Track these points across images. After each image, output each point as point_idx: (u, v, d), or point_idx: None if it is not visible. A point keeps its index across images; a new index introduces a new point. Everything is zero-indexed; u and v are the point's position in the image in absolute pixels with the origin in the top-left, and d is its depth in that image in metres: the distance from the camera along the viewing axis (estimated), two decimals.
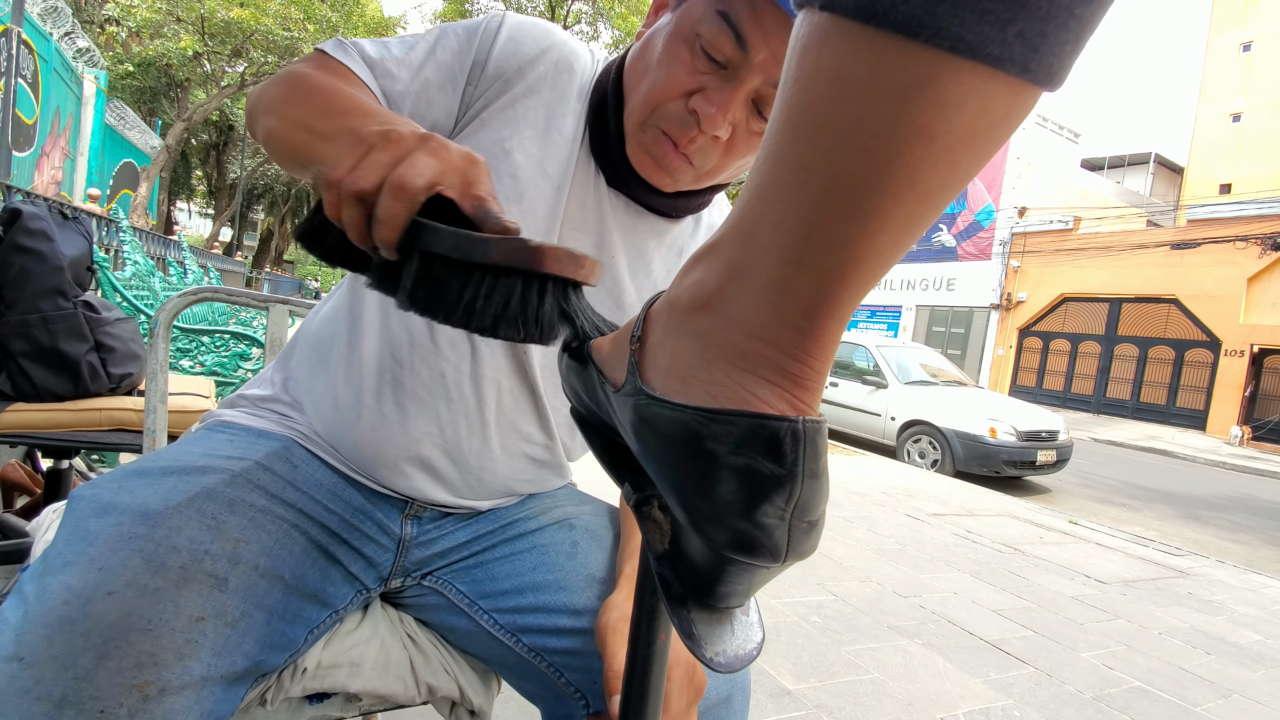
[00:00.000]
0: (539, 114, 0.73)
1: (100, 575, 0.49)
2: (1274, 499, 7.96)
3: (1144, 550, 4.17)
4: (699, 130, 0.65)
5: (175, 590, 0.51)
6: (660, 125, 0.67)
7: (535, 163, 0.72)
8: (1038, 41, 0.20)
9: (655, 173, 0.71)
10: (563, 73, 0.74)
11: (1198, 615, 3.05)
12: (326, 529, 0.67)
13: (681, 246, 0.83)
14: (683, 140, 0.67)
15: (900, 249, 0.25)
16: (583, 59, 0.77)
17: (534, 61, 0.73)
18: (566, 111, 0.74)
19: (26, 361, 1.52)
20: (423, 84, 0.71)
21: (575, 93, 0.75)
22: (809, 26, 0.23)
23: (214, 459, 0.63)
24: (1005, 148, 19.34)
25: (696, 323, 0.29)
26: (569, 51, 0.75)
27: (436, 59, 0.71)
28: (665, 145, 0.68)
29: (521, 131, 0.72)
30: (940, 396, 7.08)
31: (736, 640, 0.33)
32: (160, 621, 0.49)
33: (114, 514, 0.54)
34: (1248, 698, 2.26)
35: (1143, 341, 16.89)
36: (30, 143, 5.53)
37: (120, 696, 0.46)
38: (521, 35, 0.73)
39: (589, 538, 0.76)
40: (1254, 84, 19.96)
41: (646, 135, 0.69)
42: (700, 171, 0.70)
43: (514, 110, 0.73)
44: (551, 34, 0.75)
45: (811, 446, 0.26)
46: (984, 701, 2.01)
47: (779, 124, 0.25)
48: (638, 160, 0.71)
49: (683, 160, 0.69)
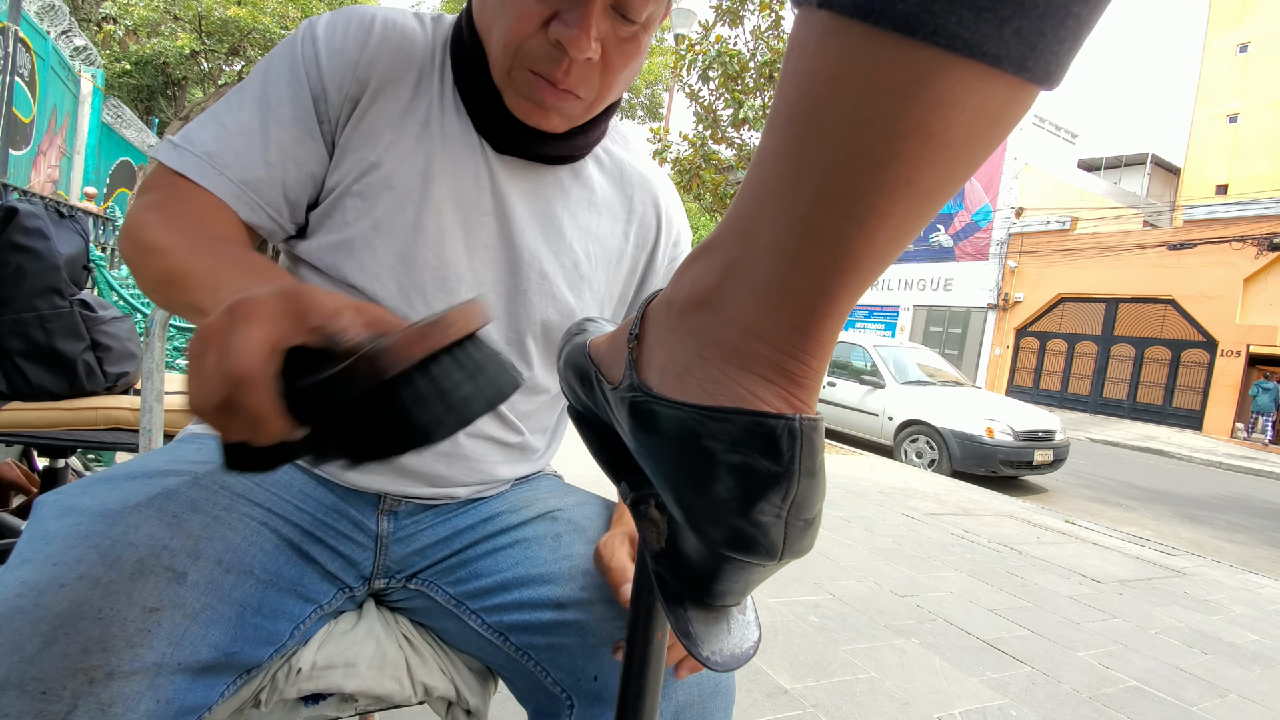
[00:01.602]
0: (392, 110, 0.69)
1: (54, 569, 0.50)
2: (1270, 499, 7.99)
3: (1140, 550, 4.17)
4: (569, 58, 0.61)
5: (129, 582, 0.51)
6: (528, 67, 0.63)
7: (408, 162, 0.69)
8: (1035, 40, 0.20)
9: (542, 117, 0.67)
10: (399, 57, 0.70)
11: (1194, 615, 3.06)
12: (299, 527, 0.67)
13: (591, 197, 0.80)
14: (557, 75, 0.63)
15: (898, 247, 0.25)
16: (411, 30, 0.72)
17: (365, 63, 0.69)
18: (418, 94, 0.70)
19: (22, 360, 1.51)
20: (280, 154, 0.66)
21: (419, 70, 0.71)
22: (806, 24, 0.23)
23: (179, 464, 0.64)
24: (1002, 148, 19.32)
25: (694, 320, 0.29)
26: (394, 31, 0.70)
27: (277, 115, 0.66)
28: (541, 86, 0.64)
29: (382, 137, 0.69)
30: (937, 396, 7.09)
31: (733, 639, 0.33)
32: (112, 611, 0.49)
33: (74, 515, 0.55)
34: (1244, 697, 2.26)
35: (1139, 342, 16.94)
36: (27, 141, 5.52)
37: (64, 679, 0.46)
38: (339, 40, 0.68)
39: (572, 530, 0.75)
40: (1251, 85, 20.00)
41: (518, 81, 0.65)
42: (588, 100, 0.67)
43: (366, 122, 0.69)
44: (367, 21, 0.70)
45: (808, 444, 0.26)
46: (980, 701, 2.01)
47: (776, 121, 0.25)
48: (520, 110, 0.67)
49: (565, 95, 0.65)
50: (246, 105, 0.66)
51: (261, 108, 0.66)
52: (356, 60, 0.68)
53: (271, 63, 0.68)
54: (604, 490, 0.87)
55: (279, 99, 0.67)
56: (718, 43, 7.02)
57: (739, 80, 6.96)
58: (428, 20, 0.74)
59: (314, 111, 0.67)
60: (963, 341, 20.24)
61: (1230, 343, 15.13)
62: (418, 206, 0.69)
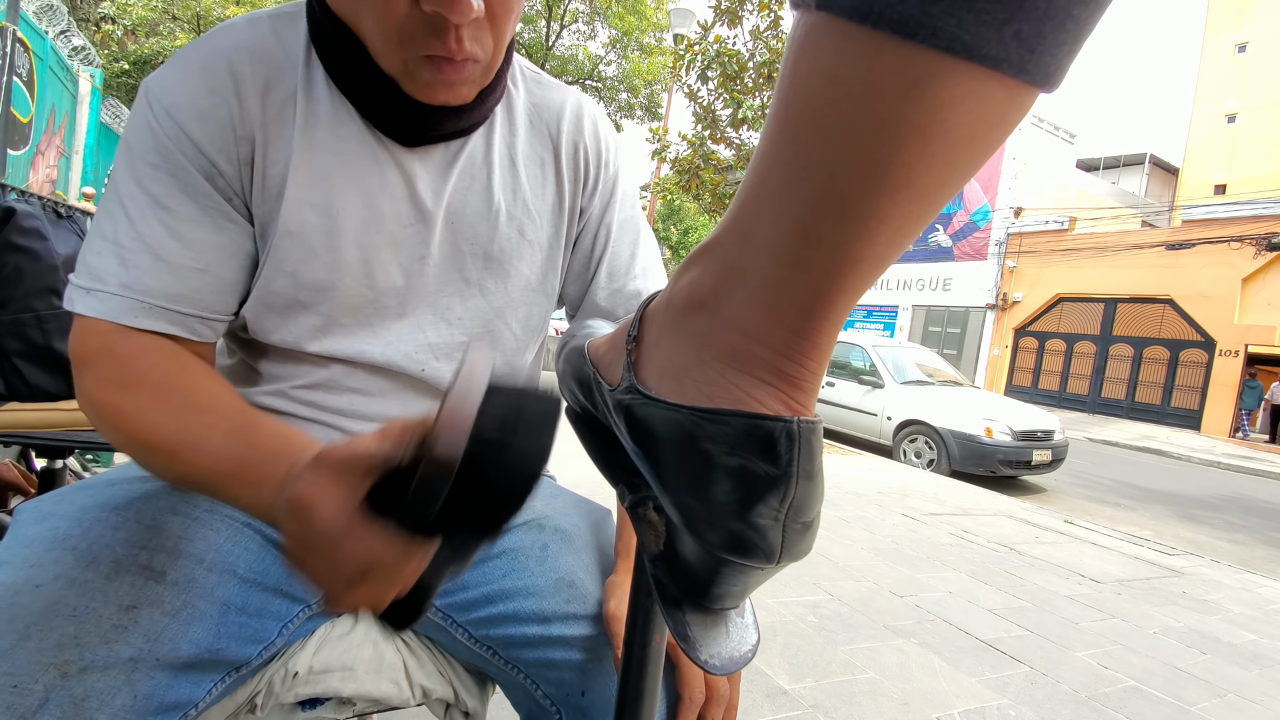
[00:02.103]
0: (286, 151, 0.61)
1: (30, 571, 0.51)
2: (1269, 499, 8.00)
3: (1139, 550, 4.18)
4: (454, 25, 0.54)
5: (105, 581, 0.51)
6: (419, 52, 0.56)
7: (307, 198, 0.62)
8: (1035, 42, 0.20)
9: (449, 93, 0.61)
10: (269, 89, 0.61)
11: (1192, 615, 3.06)
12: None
13: (511, 154, 0.73)
14: (451, 47, 0.55)
15: (897, 249, 0.25)
16: (265, 48, 0.62)
17: (240, 118, 0.60)
18: (307, 119, 0.62)
19: (20, 360, 1.51)
20: (204, 254, 0.59)
21: (292, 91, 0.62)
22: (805, 26, 0.23)
23: None
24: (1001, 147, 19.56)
25: (692, 323, 0.29)
26: (249, 61, 0.61)
27: (178, 214, 0.58)
28: (441, 66, 0.57)
29: (288, 185, 0.61)
30: (936, 396, 7.09)
31: (731, 642, 0.33)
32: (86, 609, 0.49)
33: (52, 520, 0.56)
34: (1242, 697, 2.27)
35: (1138, 341, 16.95)
36: (25, 141, 5.51)
37: (36, 673, 0.46)
38: (198, 102, 0.58)
39: (559, 539, 0.74)
40: (1249, 85, 20.03)
41: (415, 70, 0.58)
42: (486, 60, 0.60)
43: (270, 178, 0.61)
44: (214, 66, 0.59)
45: (806, 447, 0.26)
46: (979, 701, 2.01)
47: (775, 123, 0.25)
48: (425, 94, 0.60)
49: (465, 64, 0.58)
50: (137, 215, 0.57)
51: (157, 211, 0.57)
52: (229, 117, 0.59)
53: (135, 158, 0.58)
54: (602, 492, 0.86)
55: (170, 195, 0.58)
56: (716, 43, 7.02)
57: (738, 80, 6.96)
58: (266, 23, 0.64)
59: (215, 192, 0.60)
60: (961, 341, 20.25)
61: (1228, 342, 15.15)
62: (328, 245, 0.62)
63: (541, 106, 0.76)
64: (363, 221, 0.64)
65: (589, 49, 17.49)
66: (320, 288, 0.63)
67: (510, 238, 0.71)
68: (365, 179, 0.64)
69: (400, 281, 0.67)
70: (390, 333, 0.68)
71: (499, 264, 0.71)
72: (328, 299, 0.64)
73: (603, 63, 17.31)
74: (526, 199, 0.73)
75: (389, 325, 0.68)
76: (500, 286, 0.72)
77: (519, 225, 0.72)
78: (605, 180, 0.79)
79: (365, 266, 0.65)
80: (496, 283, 0.72)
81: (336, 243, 0.63)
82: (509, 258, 0.72)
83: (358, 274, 0.64)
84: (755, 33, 6.86)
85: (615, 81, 17.41)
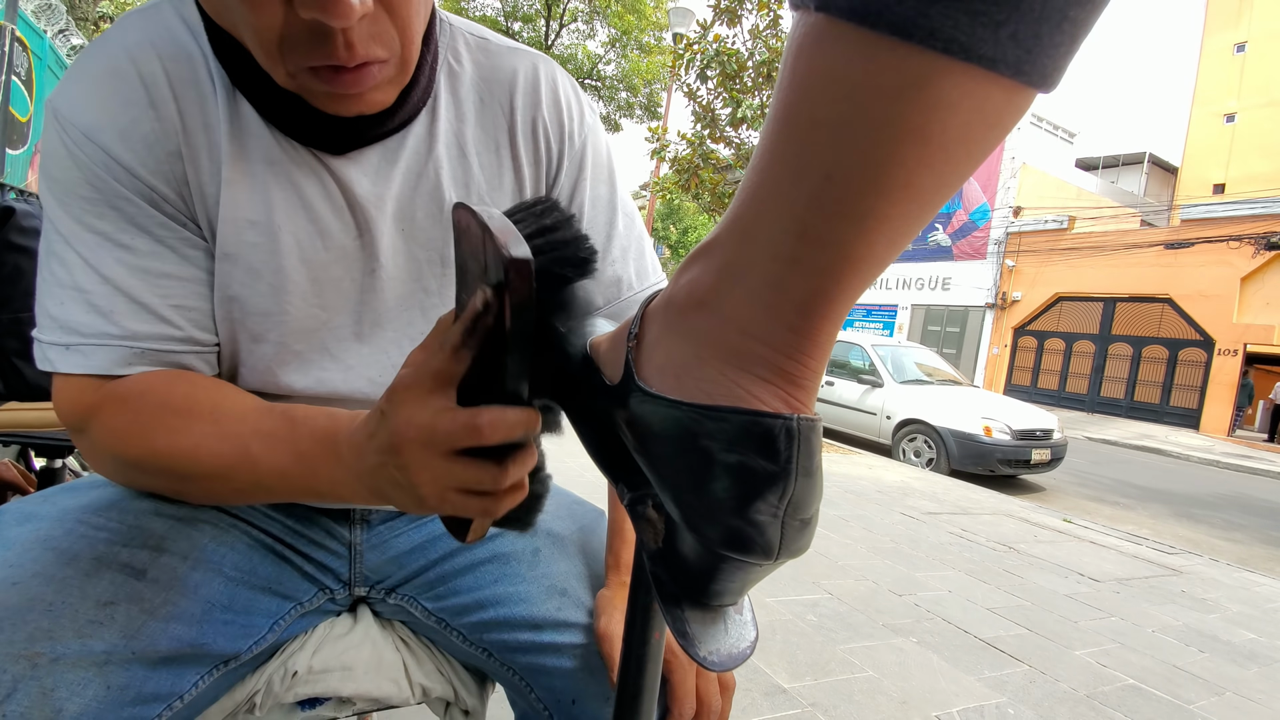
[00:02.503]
0: (209, 159, 0.55)
1: (9, 570, 0.50)
2: (1267, 497, 8.00)
3: (1138, 548, 4.18)
4: (336, 31, 0.45)
5: (83, 579, 0.51)
6: (304, 65, 0.47)
7: (242, 214, 0.56)
8: (1031, 43, 0.21)
9: (360, 104, 0.51)
10: (188, 89, 0.54)
11: (1191, 613, 3.07)
12: (270, 533, 0.66)
13: (460, 140, 0.64)
14: (339, 55, 0.46)
15: (895, 249, 0.25)
16: (181, 45, 0.54)
17: (165, 130, 0.53)
18: (233, 124, 0.55)
19: (19, 360, 1.51)
20: (181, 285, 0.54)
21: (211, 91, 0.55)
22: (804, 27, 0.23)
23: None
24: (1000, 147, 19.36)
25: (692, 321, 0.29)
26: (145, 59, 0.53)
27: (135, 249, 0.52)
28: (332, 78, 0.48)
29: (222, 201, 0.55)
30: (936, 395, 7.09)
31: (730, 639, 0.33)
32: (63, 604, 0.49)
33: (34, 521, 0.56)
34: (1240, 695, 2.27)
35: (1137, 341, 16.96)
36: (24, 140, 5.51)
37: (6, 663, 0.46)
38: (118, 118, 0.51)
39: (550, 543, 0.72)
40: (1247, 84, 20.03)
41: (306, 85, 0.49)
42: (395, 55, 0.50)
43: (198, 190, 0.55)
44: (124, 72, 0.52)
45: (805, 444, 0.27)
46: (978, 699, 2.01)
47: (774, 124, 0.25)
48: (332, 108, 0.52)
49: (364, 71, 0.49)
50: (92, 256, 0.51)
51: (112, 250, 0.52)
52: (151, 134, 0.52)
53: (66, 194, 0.51)
54: (599, 492, 0.86)
55: (120, 230, 0.52)
56: (716, 42, 7.02)
57: (737, 79, 6.96)
58: (167, 6, 0.55)
59: (166, 219, 0.54)
60: (961, 340, 20.25)
61: (1227, 341, 15.16)
62: (272, 265, 0.57)
63: (491, 80, 0.66)
64: (306, 236, 0.58)
65: (588, 48, 17.47)
66: (268, 313, 0.58)
67: None
68: (302, 189, 0.57)
69: (354, 298, 0.62)
70: (350, 357, 0.63)
71: (434, 279, 0.65)
72: (277, 325, 0.59)
73: (602, 62, 17.30)
74: (481, 193, 0.65)
75: (348, 349, 0.62)
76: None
77: None
78: (571, 155, 0.69)
79: (315, 285, 0.59)
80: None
81: (281, 262, 0.57)
82: None
83: (306, 294, 0.59)
84: (754, 32, 6.86)
85: (614, 81, 17.41)
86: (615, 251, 0.72)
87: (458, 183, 0.64)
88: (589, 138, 0.71)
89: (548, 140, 0.68)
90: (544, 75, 0.68)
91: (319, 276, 0.59)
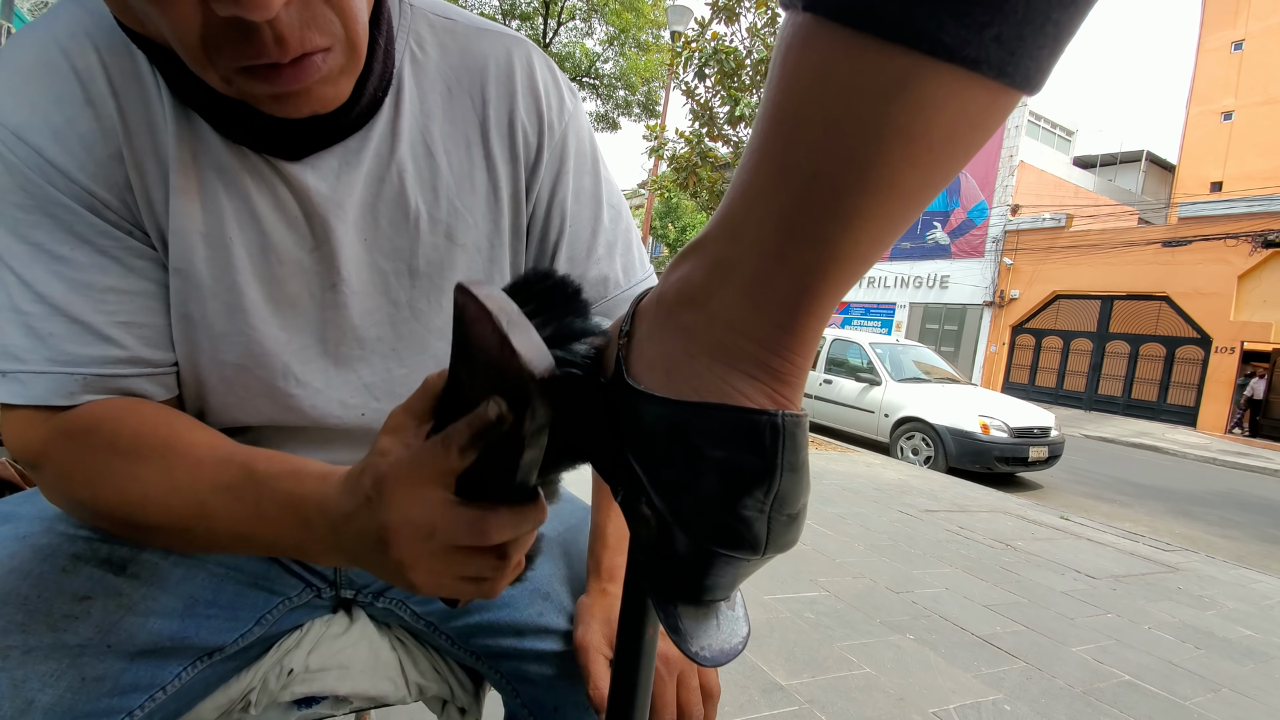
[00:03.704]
0: (155, 164, 0.50)
1: None
2: (1263, 495, 8.02)
3: (1134, 546, 4.19)
4: (258, 26, 0.39)
5: (60, 574, 0.51)
6: (236, 66, 0.41)
7: (191, 227, 0.51)
8: (1015, 45, 0.21)
9: (308, 103, 0.46)
10: (105, 84, 0.48)
11: (1187, 610, 3.08)
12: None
13: (427, 138, 0.58)
14: (270, 52, 0.41)
15: (881, 247, 0.25)
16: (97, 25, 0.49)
17: (105, 130, 0.48)
18: (161, 118, 0.50)
19: None
20: (132, 300, 0.50)
21: (143, 84, 0.49)
22: (793, 26, 0.23)
23: None
24: (999, 145, 19.27)
25: (681, 317, 0.30)
26: (78, 50, 0.48)
27: (74, 261, 0.47)
28: (269, 77, 0.42)
29: (173, 214, 0.50)
30: (933, 393, 7.10)
31: (722, 634, 0.33)
32: (38, 599, 0.49)
33: (13, 521, 0.56)
34: (1236, 692, 2.28)
35: (1134, 339, 17.00)
36: None
37: None
38: (41, 117, 0.47)
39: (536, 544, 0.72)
40: (1245, 82, 20.06)
41: (241, 88, 0.43)
42: (340, 39, 0.44)
43: (144, 196, 0.50)
44: (44, 61, 0.48)
45: (791, 440, 0.27)
46: (975, 695, 2.02)
47: (763, 122, 0.25)
48: (281, 109, 0.46)
49: (304, 64, 0.43)
50: (27, 273, 0.46)
51: (49, 263, 0.47)
52: (89, 133, 0.48)
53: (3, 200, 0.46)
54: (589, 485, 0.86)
55: (56, 242, 0.47)
56: (713, 40, 7.02)
57: (735, 77, 6.97)
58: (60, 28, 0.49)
59: (109, 226, 0.49)
60: (959, 339, 20.28)
61: (1224, 339, 15.20)
62: (226, 282, 0.53)
63: (460, 68, 0.60)
64: (260, 250, 0.53)
65: (586, 46, 17.45)
66: (225, 333, 0.54)
67: (436, 246, 0.59)
68: (253, 199, 0.52)
69: (314, 315, 0.57)
70: (317, 379, 0.58)
71: (428, 279, 0.60)
72: (236, 346, 0.54)
73: (600, 60, 17.29)
74: (451, 195, 0.59)
75: (313, 370, 0.58)
76: (434, 304, 0.61)
77: (445, 229, 0.59)
78: (551, 148, 0.63)
79: (271, 304, 0.55)
80: (430, 301, 0.60)
81: (235, 279, 0.53)
82: (439, 269, 0.60)
83: (264, 313, 0.54)
84: (752, 30, 6.87)
85: (612, 79, 17.38)
86: (601, 249, 0.67)
87: (424, 185, 0.58)
88: (569, 125, 0.65)
89: (525, 134, 0.62)
90: (519, 61, 0.62)
91: (274, 294, 0.55)
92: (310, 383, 0.58)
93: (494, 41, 0.62)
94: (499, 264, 0.63)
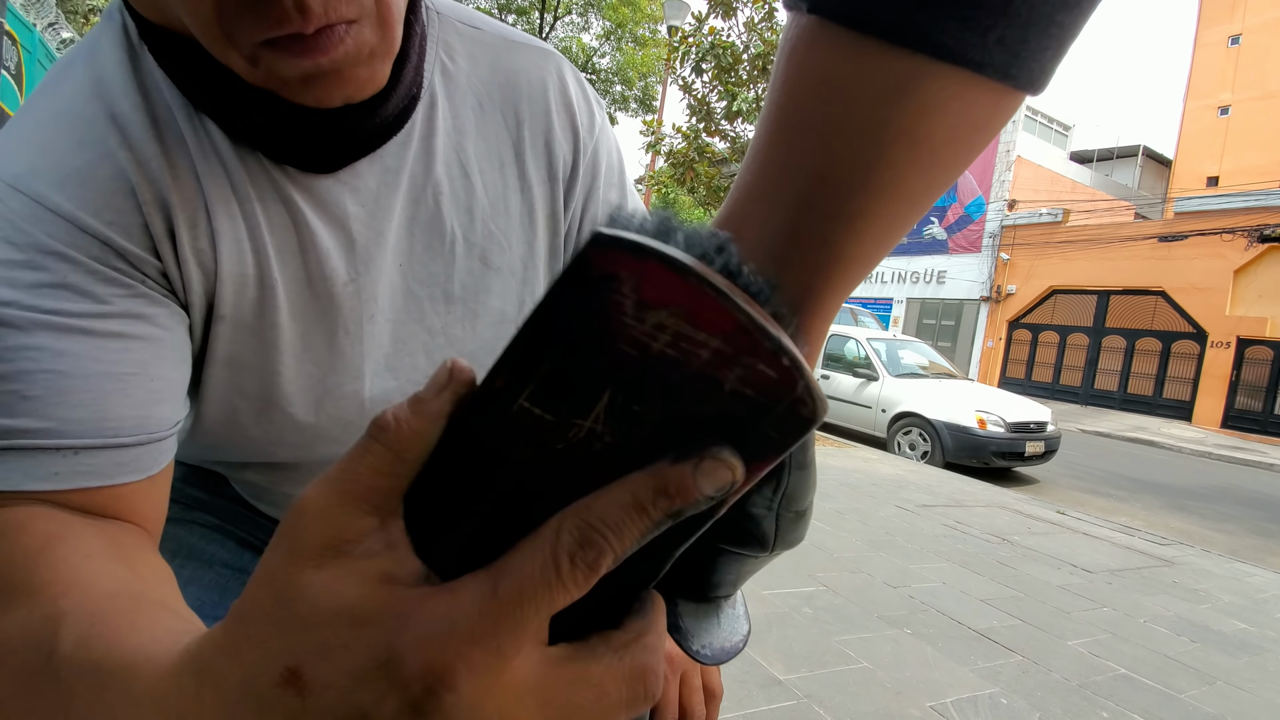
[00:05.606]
0: (197, 206, 0.45)
1: None
2: (1258, 489, 8.06)
3: (1130, 540, 4.21)
4: None
5: None
6: (257, 40, 0.37)
7: (240, 269, 0.48)
8: (1018, 48, 0.21)
9: (341, 87, 0.42)
10: (145, 125, 0.44)
11: (1183, 604, 3.09)
12: (261, 540, 0.67)
13: (461, 156, 0.56)
14: (291, 20, 0.36)
15: (884, 248, 0.25)
16: (119, 74, 0.45)
17: (119, 174, 0.43)
18: (208, 153, 0.46)
19: None
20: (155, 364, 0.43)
21: (187, 132, 0.46)
22: (797, 28, 0.23)
23: None
24: (996, 140, 19.45)
25: None
26: (114, 94, 0.44)
27: (81, 326, 0.39)
28: (294, 49, 0.38)
29: (218, 259, 0.47)
30: (930, 388, 7.12)
31: (723, 632, 0.33)
32: None
33: None
34: (1231, 685, 2.29)
35: (1130, 333, 17.02)
36: None
37: None
38: (53, 164, 0.41)
39: None
40: (1241, 77, 20.06)
41: (269, 66, 0.39)
42: (365, 11, 0.39)
43: (190, 247, 0.45)
44: (69, 109, 0.44)
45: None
46: (972, 689, 2.03)
47: (766, 125, 0.25)
48: (312, 98, 0.42)
49: (330, 37, 0.38)
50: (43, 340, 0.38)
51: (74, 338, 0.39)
52: (119, 174, 0.43)
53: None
54: None
55: (57, 295, 0.39)
56: (711, 35, 7.00)
57: (732, 73, 6.95)
58: (109, 39, 0.46)
59: (127, 278, 0.42)
60: (955, 334, 20.30)
61: (1220, 334, 15.22)
62: (267, 321, 0.50)
63: (489, 83, 0.57)
64: (296, 285, 0.50)
65: (583, 41, 17.39)
66: (259, 370, 0.51)
67: (472, 270, 0.57)
68: (289, 230, 0.49)
69: (348, 350, 0.54)
70: (351, 413, 0.56)
71: (463, 304, 0.58)
72: (272, 385, 0.52)
73: (596, 55, 17.23)
74: (486, 218, 0.57)
75: (346, 407, 0.55)
76: (468, 329, 0.59)
77: (481, 253, 0.57)
78: (585, 165, 0.62)
79: (304, 340, 0.52)
80: (464, 326, 0.58)
81: (274, 318, 0.50)
82: (474, 294, 0.58)
83: (297, 350, 0.52)
84: (750, 25, 6.85)
85: (609, 74, 17.34)
86: None
87: (460, 207, 0.55)
88: (600, 139, 0.64)
89: (561, 153, 0.60)
90: (552, 78, 0.60)
91: (308, 330, 0.52)
92: (341, 415, 0.55)
93: (524, 56, 0.59)
94: (531, 286, 0.61)
